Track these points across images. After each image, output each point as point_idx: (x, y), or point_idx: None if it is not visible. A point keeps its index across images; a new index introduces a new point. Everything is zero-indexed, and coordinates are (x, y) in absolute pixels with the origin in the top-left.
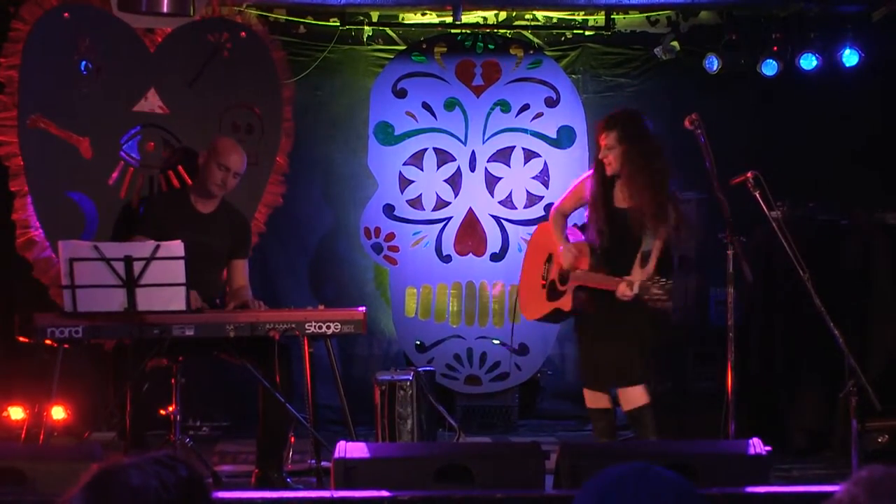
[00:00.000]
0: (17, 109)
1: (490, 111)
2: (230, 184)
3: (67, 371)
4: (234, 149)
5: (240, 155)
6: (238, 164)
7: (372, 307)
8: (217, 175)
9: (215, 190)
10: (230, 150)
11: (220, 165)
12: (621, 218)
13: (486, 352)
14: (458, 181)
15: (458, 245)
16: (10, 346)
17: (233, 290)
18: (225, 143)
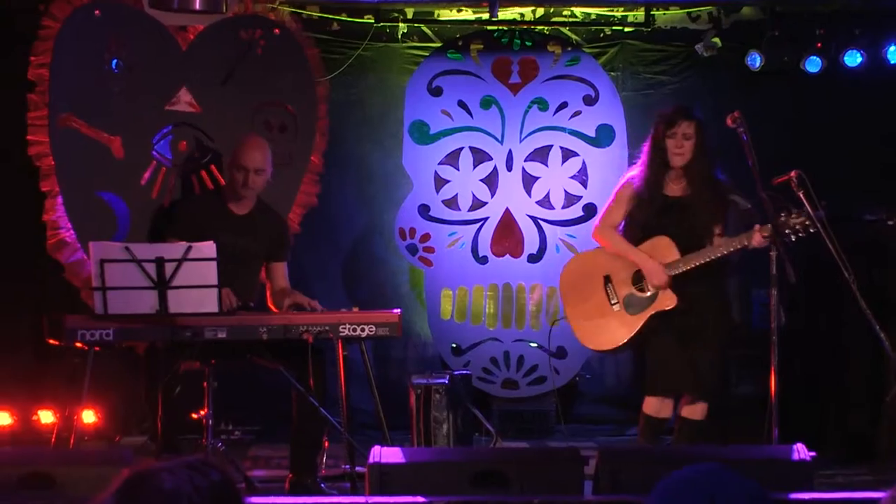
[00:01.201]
0: (48, 108)
1: (527, 109)
2: (255, 182)
3: (98, 374)
4: (250, 145)
5: (257, 150)
6: (257, 160)
7: (407, 309)
8: (237, 177)
9: (241, 192)
10: (246, 147)
11: (237, 167)
12: (676, 208)
13: (523, 355)
14: (495, 181)
15: (494, 246)
16: (41, 349)
17: (274, 293)
18: (241, 143)
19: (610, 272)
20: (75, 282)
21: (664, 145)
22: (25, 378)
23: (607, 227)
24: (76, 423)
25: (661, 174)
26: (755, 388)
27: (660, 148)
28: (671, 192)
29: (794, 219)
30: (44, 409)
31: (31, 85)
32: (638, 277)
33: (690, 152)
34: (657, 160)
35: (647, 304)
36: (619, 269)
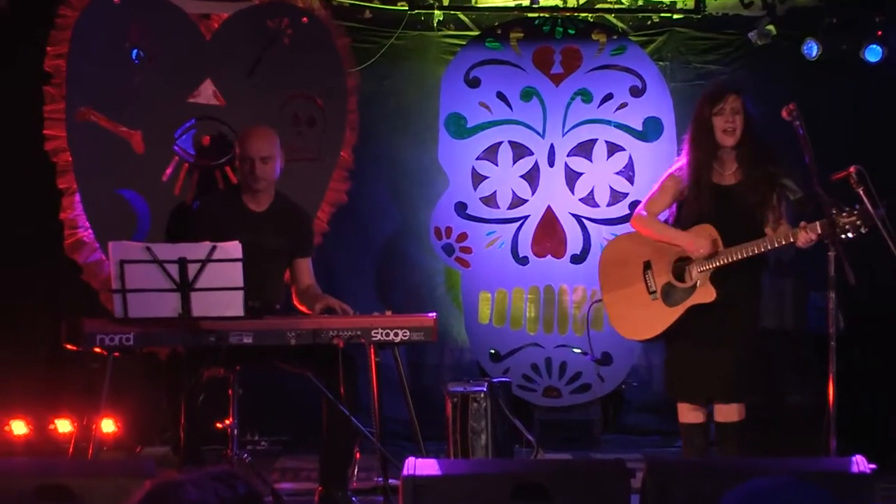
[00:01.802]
0: (65, 101)
1: (570, 101)
2: (264, 171)
3: (118, 381)
4: (251, 134)
5: (262, 139)
6: (262, 148)
7: (443, 313)
8: (243, 168)
9: (253, 184)
10: (247, 137)
11: (242, 159)
12: (727, 197)
13: (565, 361)
14: (536, 177)
15: (535, 246)
16: (58, 355)
17: (301, 291)
18: (244, 134)
19: (651, 258)
20: (94, 283)
21: (711, 125)
22: (42, 385)
23: (650, 213)
24: (95, 432)
25: (709, 159)
26: (810, 397)
27: (706, 129)
28: (721, 181)
29: (845, 217)
30: (61, 418)
31: (47, 76)
32: (678, 268)
33: (741, 129)
34: (705, 144)
35: (685, 295)
36: (659, 257)
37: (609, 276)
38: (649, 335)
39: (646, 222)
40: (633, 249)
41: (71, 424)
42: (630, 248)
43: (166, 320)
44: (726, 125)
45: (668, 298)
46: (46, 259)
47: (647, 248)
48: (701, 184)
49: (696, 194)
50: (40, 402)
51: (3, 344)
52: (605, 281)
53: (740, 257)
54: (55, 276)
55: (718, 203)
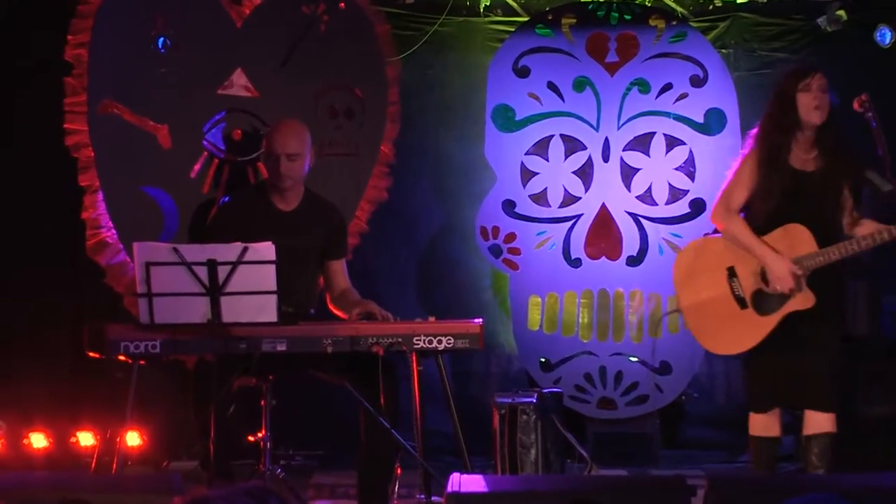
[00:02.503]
0: (87, 93)
1: (626, 92)
2: (289, 169)
3: (143, 391)
4: (279, 129)
5: (290, 134)
6: (288, 144)
7: (489, 319)
8: (270, 166)
9: (280, 182)
10: (274, 132)
11: (268, 156)
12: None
13: (621, 371)
14: (590, 173)
15: (589, 247)
16: (79, 363)
17: (336, 296)
18: (272, 128)
19: (735, 263)
20: (117, 287)
21: (795, 101)
22: (62, 396)
23: (728, 210)
24: (119, 445)
25: (788, 139)
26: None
27: (789, 106)
28: (800, 165)
29: None
30: (83, 431)
31: (68, 67)
32: None
33: (828, 108)
34: (786, 122)
35: (781, 302)
36: (746, 261)
37: (688, 285)
38: (743, 348)
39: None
40: (714, 254)
41: (94, 437)
42: (710, 253)
43: (195, 326)
44: (815, 101)
45: (761, 307)
46: (67, 261)
47: (729, 253)
48: (777, 165)
49: (767, 177)
50: (61, 413)
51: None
52: (683, 291)
53: (837, 257)
54: (76, 279)
55: (796, 191)
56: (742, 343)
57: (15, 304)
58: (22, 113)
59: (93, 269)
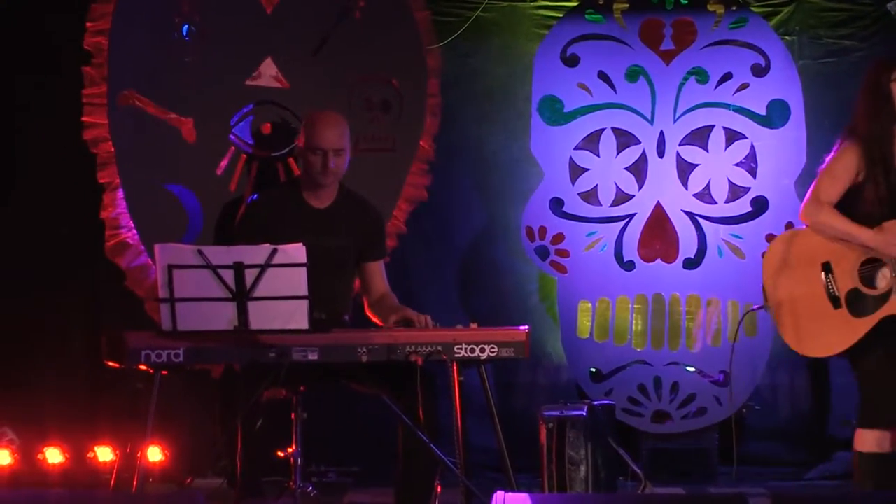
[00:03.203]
0: (107, 84)
1: (683, 82)
2: (336, 165)
3: (165, 403)
4: (324, 122)
5: (334, 127)
6: (331, 139)
7: (536, 326)
8: (314, 161)
9: (319, 179)
10: (320, 126)
11: (313, 150)
12: None
13: (677, 381)
14: (644, 169)
15: (642, 248)
16: (97, 373)
17: (374, 301)
18: (313, 121)
19: (831, 259)
20: (138, 292)
21: (889, 93)
22: (79, 408)
23: (820, 202)
24: (139, 461)
25: (887, 132)
26: None
27: (883, 98)
28: None
29: None
30: (101, 446)
31: (86, 56)
32: (867, 271)
33: None
34: (882, 115)
35: (878, 304)
36: (842, 257)
37: (778, 280)
38: (833, 351)
39: (820, 213)
40: (808, 248)
41: (112, 452)
42: (804, 246)
43: (220, 334)
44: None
45: (856, 308)
46: (84, 264)
47: (826, 245)
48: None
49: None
50: (78, 427)
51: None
52: (772, 287)
53: None
54: (94, 283)
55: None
56: (831, 346)
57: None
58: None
59: (112, 272)
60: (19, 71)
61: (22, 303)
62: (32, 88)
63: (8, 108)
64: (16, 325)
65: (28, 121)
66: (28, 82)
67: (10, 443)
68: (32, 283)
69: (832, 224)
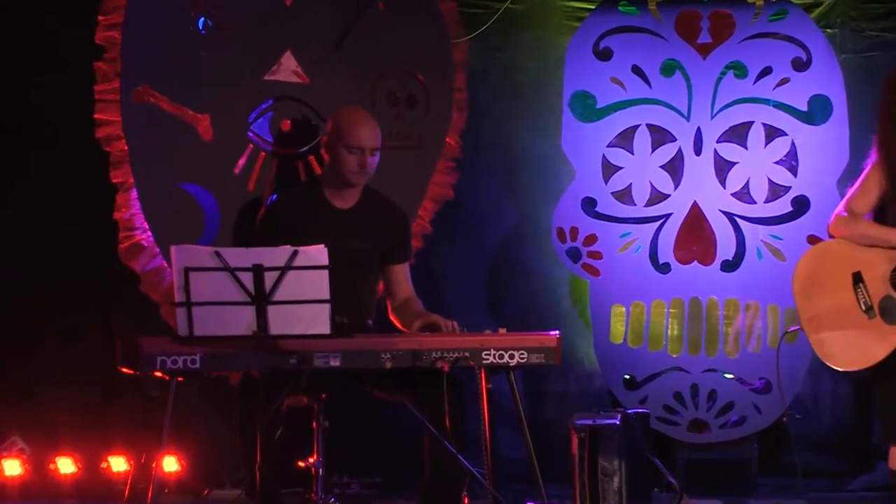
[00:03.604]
0: (120, 80)
1: (720, 76)
2: (370, 165)
3: (182, 411)
4: (360, 120)
5: (371, 126)
6: (370, 138)
7: (567, 331)
8: (350, 160)
9: (353, 178)
10: (356, 123)
11: (349, 147)
12: None
13: (715, 389)
14: (680, 167)
15: (678, 250)
16: (111, 380)
17: (397, 305)
18: (349, 117)
19: (861, 268)
20: (153, 295)
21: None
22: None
23: (853, 213)
24: (155, 472)
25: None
26: None
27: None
28: None
29: None
30: (115, 455)
31: (98, 50)
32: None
33: None
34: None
35: None
36: (873, 264)
37: (809, 294)
38: (868, 363)
39: (851, 224)
40: (838, 259)
41: (127, 463)
42: (832, 258)
43: (239, 339)
44: None
45: (890, 315)
46: (97, 267)
47: (856, 255)
48: None
49: None
50: (90, 436)
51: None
52: (804, 301)
53: None
54: (108, 286)
55: None
56: (868, 357)
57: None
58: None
59: (126, 275)
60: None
61: (33, 307)
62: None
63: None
64: (27, 330)
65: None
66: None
67: (21, 452)
68: (44, 287)
69: (869, 231)
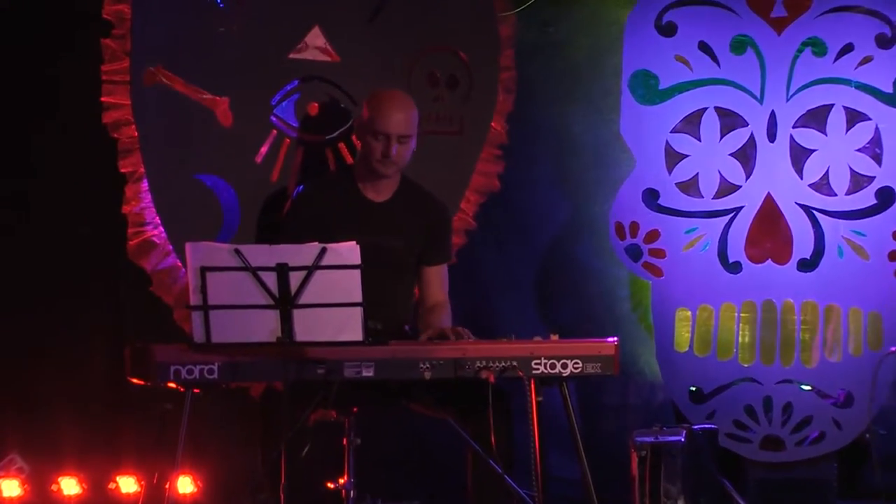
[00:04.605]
0: (130, 59)
1: (797, 54)
2: (399, 154)
3: (198, 427)
4: (391, 103)
5: (401, 109)
6: (400, 124)
7: (627, 337)
8: (374, 148)
9: (380, 168)
10: (387, 107)
11: (374, 134)
12: None
13: (790, 402)
14: (752, 155)
15: (750, 247)
16: (120, 392)
17: (426, 310)
18: (378, 100)
19: None
20: (166, 298)
21: None
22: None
23: None
24: (168, 493)
25: None
26: None
27: None
28: None
29: None
30: (124, 475)
31: (106, 26)
32: None
33: None
34: None
35: None
36: None
37: None
38: None
39: None
40: None
41: (137, 483)
42: None
43: (261, 347)
44: None
45: None
46: (104, 266)
47: None
48: None
49: None
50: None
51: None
52: None
53: None
54: (115, 288)
55: None
56: None
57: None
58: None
59: (136, 275)
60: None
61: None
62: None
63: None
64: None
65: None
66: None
67: (20, 472)
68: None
69: None
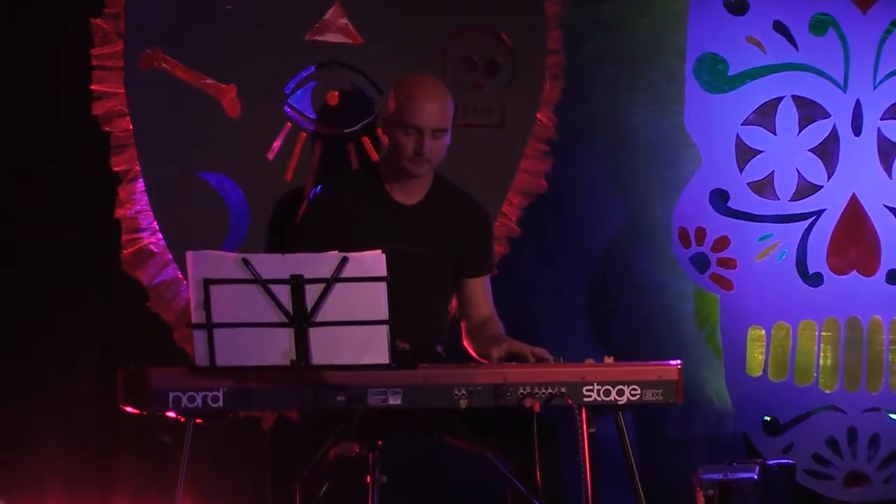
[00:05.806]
0: (124, 41)
1: (885, 36)
2: (434, 151)
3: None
4: (424, 93)
5: (437, 102)
6: (434, 116)
7: (692, 359)
8: (405, 143)
9: (411, 167)
10: (418, 97)
11: (404, 127)
12: None
13: (877, 434)
14: (835, 151)
15: (833, 257)
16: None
17: (473, 327)
18: (409, 89)
19: None
20: (165, 315)
21: None
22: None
23: None
24: None
25: None
26: None
27: None
28: None
29: None
30: None
31: (97, 6)
32: None
33: None
34: None
35: None
36: None
37: None
38: None
39: None
40: None
41: None
42: None
43: (272, 371)
44: None
45: None
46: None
47: None
48: None
49: None
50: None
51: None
52: None
53: None
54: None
55: None
56: None
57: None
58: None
59: (130, 288)
60: None
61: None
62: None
63: None
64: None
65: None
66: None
67: None
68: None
69: None
